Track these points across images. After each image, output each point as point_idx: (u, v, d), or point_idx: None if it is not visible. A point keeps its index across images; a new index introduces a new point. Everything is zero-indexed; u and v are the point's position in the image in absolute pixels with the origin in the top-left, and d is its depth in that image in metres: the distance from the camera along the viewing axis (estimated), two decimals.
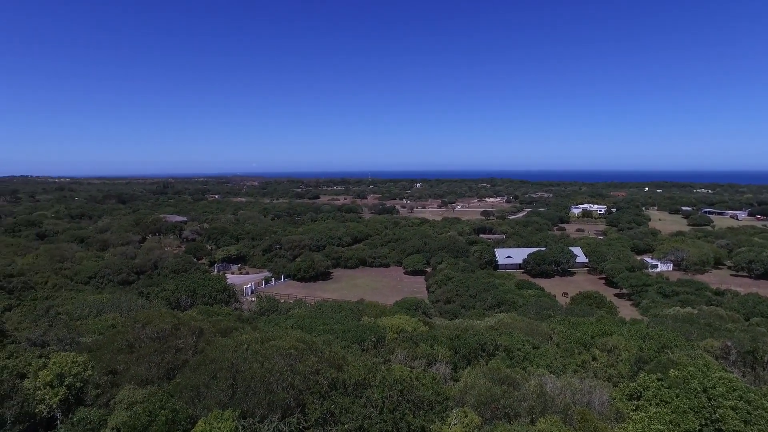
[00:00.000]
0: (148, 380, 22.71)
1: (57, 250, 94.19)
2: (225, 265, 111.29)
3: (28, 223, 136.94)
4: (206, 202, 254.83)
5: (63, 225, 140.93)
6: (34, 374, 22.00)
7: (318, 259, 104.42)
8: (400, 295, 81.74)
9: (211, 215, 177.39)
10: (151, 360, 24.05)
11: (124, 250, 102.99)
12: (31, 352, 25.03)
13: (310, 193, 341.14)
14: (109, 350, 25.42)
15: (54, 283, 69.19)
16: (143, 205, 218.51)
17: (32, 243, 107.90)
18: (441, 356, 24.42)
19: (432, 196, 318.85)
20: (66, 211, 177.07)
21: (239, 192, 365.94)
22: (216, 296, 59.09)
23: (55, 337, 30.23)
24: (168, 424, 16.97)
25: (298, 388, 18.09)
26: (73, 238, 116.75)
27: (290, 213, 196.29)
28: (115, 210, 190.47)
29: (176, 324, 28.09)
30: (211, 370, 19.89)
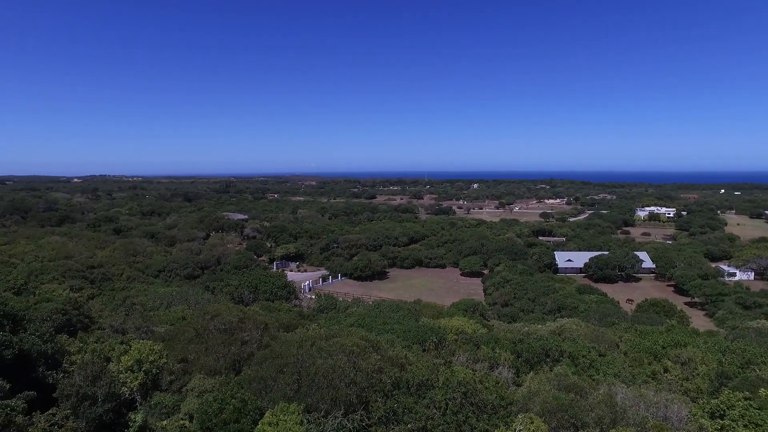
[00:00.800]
0: (216, 370, 23.71)
1: (131, 244, 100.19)
2: (284, 263, 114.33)
3: (106, 219, 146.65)
4: (266, 201, 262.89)
5: (136, 221, 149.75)
6: (117, 359, 23.53)
7: (374, 259, 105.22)
8: (457, 296, 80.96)
9: (270, 214, 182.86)
10: (219, 351, 25.09)
11: (190, 246, 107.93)
12: (114, 339, 26.78)
13: (367, 193, 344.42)
14: (181, 340, 26.76)
15: (128, 275, 73.64)
16: (207, 204, 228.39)
17: (110, 237, 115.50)
18: (503, 360, 23.96)
19: (489, 197, 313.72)
20: (138, 209, 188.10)
21: (298, 191, 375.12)
22: (276, 293, 60.87)
23: (132, 325, 32.21)
24: (237, 413, 17.62)
25: (361, 386, 18.29)
26: (145, 233, 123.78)
27: (347, 212, 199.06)
28: (181, 208, 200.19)
29: (242, 318, 29.16)
30: (277, 364, 20.49)
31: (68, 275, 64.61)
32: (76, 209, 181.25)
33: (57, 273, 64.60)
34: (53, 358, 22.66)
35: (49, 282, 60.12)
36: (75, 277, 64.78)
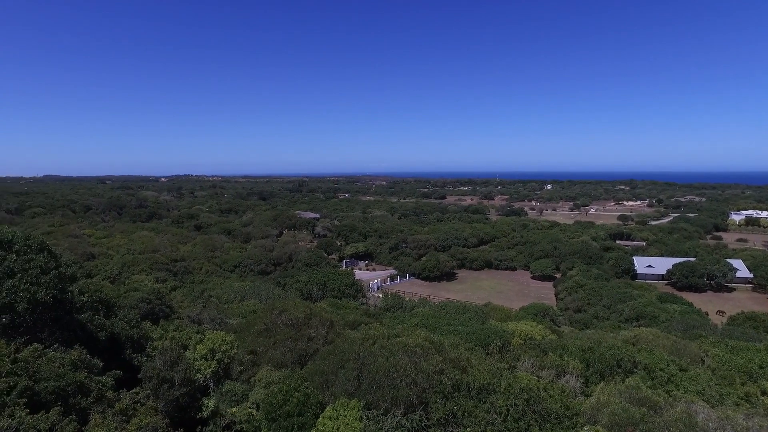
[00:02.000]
0: (282, 363, 24.58)
1: (210, 240, 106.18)
2: (353, 261, 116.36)
3: (189, 216, 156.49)
4: (337, 200, 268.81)
5: (215, 218, 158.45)
6: (193, 347, 25.04)
7: (443, 259, 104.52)
8: (526, 300, 78.59)
9: (341, 213, 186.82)
10: (286, 345, 25.98)
11: (264, 243, 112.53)
12: (191, 328, 28.55)
13: (437, 193, 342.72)
14: (251, 333, 27.98)
15: (207, 270, 78.12)
16: (281, 202, 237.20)
17: (191, 233, 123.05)
18: (571, 368, 22.94)
19: (563, 198, 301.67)
20: (217, 206, 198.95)
21: (368, 191, 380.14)
22: (344, 290, 62.09)
23: (208, 316, 34.16)
24: (299, 406, 18.16)
25: (422, 386, 18.23)
26: (222, 230, 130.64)
27: (416, 212, 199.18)
28: (257, 206, 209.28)
29: (309, 314, 30.02)
30: (339, 360, 20.89)
31: (155, 267, 69.69)
32: (163, 206, 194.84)
33: (145, 265, 69.86)
34: (138, 342, 24.51)
35: (138, 273, 65.17)
36: (160, 269, 69.75)
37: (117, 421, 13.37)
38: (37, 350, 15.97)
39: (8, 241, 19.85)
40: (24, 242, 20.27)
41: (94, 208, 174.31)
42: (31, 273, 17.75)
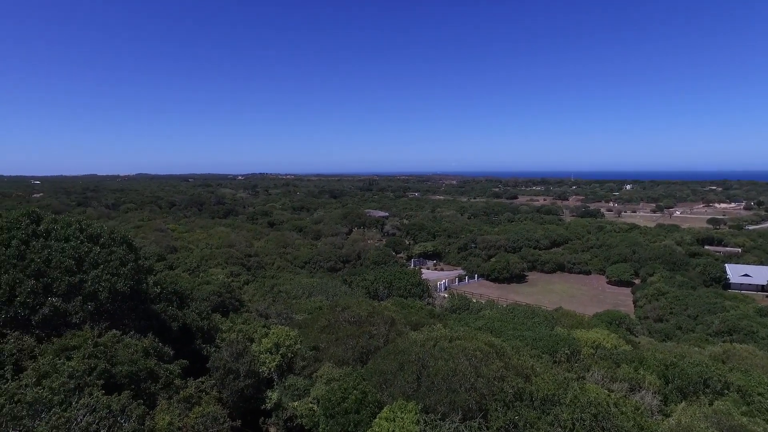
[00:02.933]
0: (344, 361, 24.73)
1: (282, 236, 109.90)
2: (421, 260, 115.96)
3: (263, 213, 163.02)
4: (406, 199, 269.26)
5: (287, 215, 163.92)
6: (259, 340, 25.82)
7: (513, 261, 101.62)
8: (601, 306, 74.48)
9: (410, 212, 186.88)
10: (348, 343, 26.13)
11: (333, 240, 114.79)
12: (258, 322, 29.50)
13: (508, 193, 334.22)
14: (314, 329, 28.43)
15: (278, 265, 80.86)
16: (351, 201, 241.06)
17: (265, 229, 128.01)
18: (648, 384, 21.25)
19: (644, 200, 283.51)
20: (290, 204, 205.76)
21: (438, 190, 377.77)
22: (410, 290, 61.84)
23: (275, 311, 35.18)
24: (358, 404, 18.13)
25: (481, 392, 17.59)
26: (294, 227, 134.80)
27: (487, 212, 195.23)
28: (327, 204, 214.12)
29: (371, 312, 30.05)
30: (399, 361, 20.65)
31: (230, 262, 73.11)
32: (239, 203, 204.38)
33: (221, 259, 73.48)
34: (208, 333, 25.63)
35: (214, 267, 68.63)
36: (235, 263, 73.06)
37: (181, 408, 13.94)
38: (116, 336, 17.04)
39: (96, 235, 21.39)
40: (109, 236, 21.78)
41: (177, 204, 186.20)
42: (112, 264, 18.98)
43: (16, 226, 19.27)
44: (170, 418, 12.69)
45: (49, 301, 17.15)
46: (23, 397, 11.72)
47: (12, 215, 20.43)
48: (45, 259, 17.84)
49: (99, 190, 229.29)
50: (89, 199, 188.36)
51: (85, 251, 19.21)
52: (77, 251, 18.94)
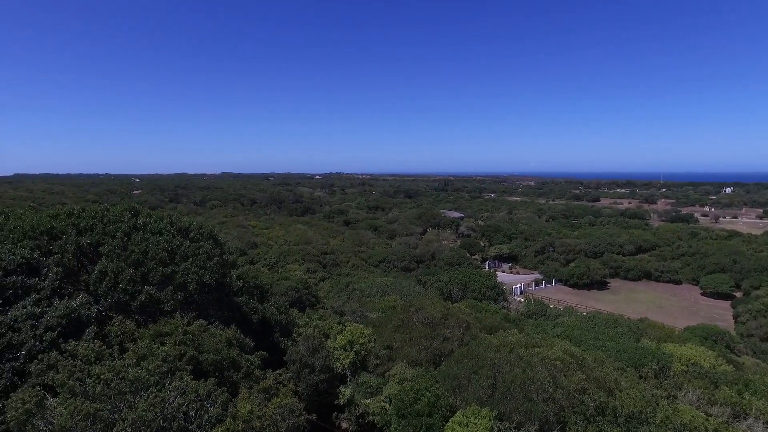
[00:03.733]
0: (417, 361, 24.65)
1: (357, 235, 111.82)
2: (496, 263, 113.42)
3: (339, 211, 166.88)
4: (482, 200, 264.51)
5: (362, 214, 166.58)
6: (334, 336, 26.38)
7: (594, 266, 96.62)
8: (694, 319, 68.85)
9: (486, 213, 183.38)
10: (421, 344, 26.02)
11: (408, 240, 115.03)
12: (333, 318, 30.17)
13: (590, 195, 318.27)
14: (388, 328, 28.58)
15: (353, 263, 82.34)
16: (426, 201, 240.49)
17: (340, 228, 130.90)
18: (755, 410, 19.25)
19: (748, 204, 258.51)
20: (365, 203, 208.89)
21: (515, 191, 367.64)
22: (485, 292, 60.61)
23: (350, 309, 35.82)
24: (430, 406, 17.97)
25: (560, 404, 16.81)
26: (369, 226, 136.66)
27: (566, 215, 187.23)
28: (402, 204, 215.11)
29: (445, 314, 29.71)
30: (473, 365, 20.26)
31: (306, 259, 75.49)
32: (316, 202, 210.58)
33: (298, 256, 76.06)
34: (286, 327, 26.56)
35: (292, 263, 71.21)
36: (311, 261, 75.32)
37: (260, 398, 14.51)
38: (202, 326, 18.09)
39: (186, 228, 22.87)
40: (197, 230, 23.20)
41: (258, 201, 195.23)
42: (200, 258, 20.18)
43: (120, 219, 21.05)
44: (251, 407, 13.25)
45: (146, 290, 18.53)
46: (126, 374, 12.76)
47: (116, 209, 22.34)
48: (143, 250, 19.30)
49: (188, 188, 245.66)
50: (180, 196, 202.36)
51: (176, 244, 20.58)
52: (170, 244, 20.33)
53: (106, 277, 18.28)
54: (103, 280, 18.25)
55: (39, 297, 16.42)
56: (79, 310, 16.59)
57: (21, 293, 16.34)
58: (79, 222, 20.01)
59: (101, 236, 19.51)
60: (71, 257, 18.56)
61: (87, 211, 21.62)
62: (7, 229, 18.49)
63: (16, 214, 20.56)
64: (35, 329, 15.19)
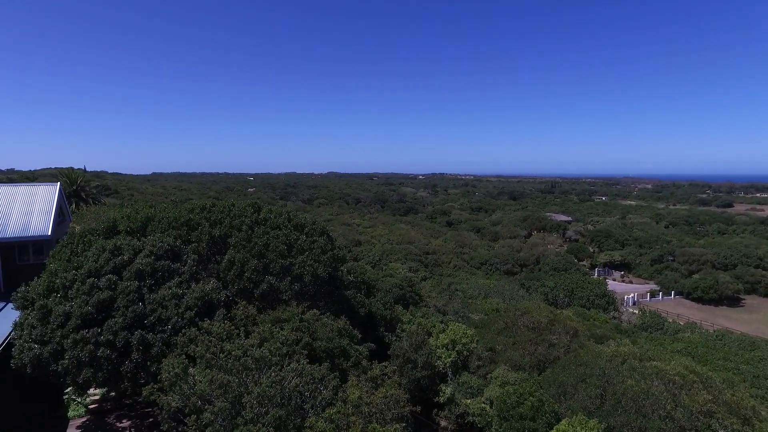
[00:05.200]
0: (520, 366, 24.22)
1: (459, 236, 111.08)
2: (606, 270, 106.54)
3: (441, 212, 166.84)
4: (592, 203, 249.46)
5: (465, 216, 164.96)
6: (436, 335, 26.76)
7: (724, 280, 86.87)
8: None
9: (596, 217, 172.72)
10: (526, 348, 25.50)
11: (511, 243, 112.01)
12: (436, 317, 30.56)
13: (720, 200, 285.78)
14: (491, 330, 28.34)
15: (455, 264, 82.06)
16: (531, 203, 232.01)
17: (442, 228, 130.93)
18: None
19: None
20: (468, 204, 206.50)
21: (629, 195, 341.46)
22: (594, 300, 57.41)
23: (452, 308, 35.97)
24: (533, 411, 17.65)
25: (680, 425, 15.68)
26: (472, 227, 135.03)
27: (689, 221, 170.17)
28: (506, 205, 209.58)
29: (552, 319, 28.80)
30: (581, 373, 19.54)
31: (408, 258, 76.65)
32: (419, 202, 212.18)
33: (401, 255, 77.46)
34: (390, 323, 27.43)
35: (394, 261, 72.72)
36: (413, 260, 76.32)
37: (368, 386, 15.31)
38: (316, 315, 19.41)
39: (301, 224, 24.59)
40: (311, 226, 24.83)
41: (362, 201, 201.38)
42: (314, 252, 21.63)
43: (244, 213, 23.21)
44: (360, 393, 14.05)
45: (267, 279, 20.29)
46: (252, 353, 14.22)
47: (241, 205, 24.63)
48: (264, 243, 21.13)
49: (297, 186, 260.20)
50: (289, 194, 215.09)
51: (293, 239, 22.24)
52: (288, 238, 22.02)
53: (234, 266, 20.30)
54: (230, 268, 20.31)
55: (180, 280, 18.74)
56: (211, 294, 18.66)
57: (167, 275, 18.76)
58: (210, 216, 22.41)
59: (229, 229, 21.69)
60: (205, 246, 20.88)
61: (217, 206, 24.10)
62: (156, 220, 21.27)
63: (162, 208, 23.53)
64: (178, 308, 17.40)
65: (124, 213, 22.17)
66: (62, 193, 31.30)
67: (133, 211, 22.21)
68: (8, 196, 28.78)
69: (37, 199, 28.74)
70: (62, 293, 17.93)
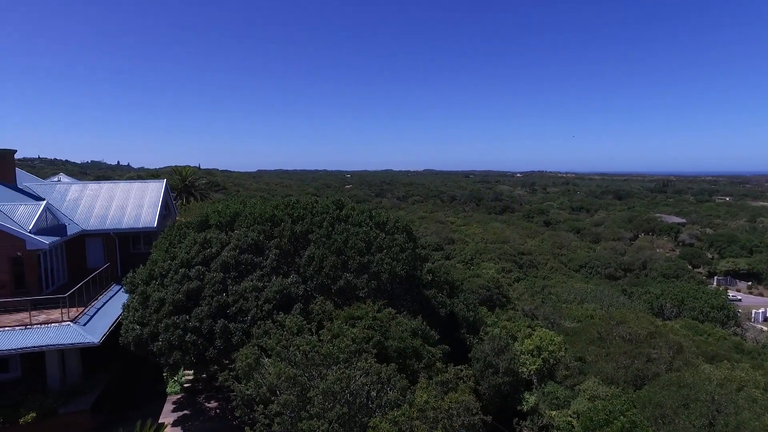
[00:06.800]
0: (613, 380, 22.26)
1: (557, 236, 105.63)
2: (728, 280, 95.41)
3: (539, 211, 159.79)
4: (713, 204, 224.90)
5: (564, 215, 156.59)
6: (521, 340, 25.45)
7: None
8: None
9: (716, 219, 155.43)
10: (620, 361, 23.41)
11: (615, 245, 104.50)
12: (522, 321, 29.09)
13: None
14: (582, 338, 26.40)
15: (551, 266, 78.13)
16: (639, 203, 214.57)
17: (539, 228, 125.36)
18: None
19: None
20: (568, 203, 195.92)
21: (761, 195, 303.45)
22: (709, 313, 51.47)
23: (542, 313, 34.09)
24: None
25: None
26: (571, 228, 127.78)
27: None
28: (610, 205, 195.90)
29: (653, 332, 26.23)
30: (683, 396, 17.45)
31: (502, 258, 74.20)
32: (515, 200, 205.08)
33: (494, 254, 75.22)
34: (473, 324, 26.53)
35: (487, 261, 70.77)
36: (507, 260, 73.74)
37: (438, 390, 14.78)
38: (390, 314, 19.20)
39: (383, 222, 24.51)
40: (393, 224, 24.66)
41: (457, 198, 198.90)
42: (393, 250, 21.42)
43: (326, 210, 23.62)
44: (427, 397, 13.59)
45: (345, 276, 20.44)
46: (320, 349, 14.34)
47: (324, 202, 25.12)
48: (344, 240, 21.33)
49: (392, 184, 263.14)
50: (385, 191, 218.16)
51: (373, 236, 22.21)
52: (367, 236, 22.04)
53: (313, 262, 20.71)
54: (310, 264, 20.74)
55: (262, 273, 19.48)
56: (290, 288, 19.18)
57: (250, 269, 19.60)
58: (293, 212, 23.07)
59: (310, 225, 22.18)
60: (287, 242, 21.51)
61: (300, 202, 24.78)
62: (243, 215, 22.34)
63: (251, 204, 24.68)
64: (258, 300, 18.08)
65: (215, 208, 23.56)
66: (168, 188, 34.18)
67: (224, 207, 23.52)
68: (125, 191, 32.01)
69: (147, 194, 31.64)
70: (159, 281, 19.45)
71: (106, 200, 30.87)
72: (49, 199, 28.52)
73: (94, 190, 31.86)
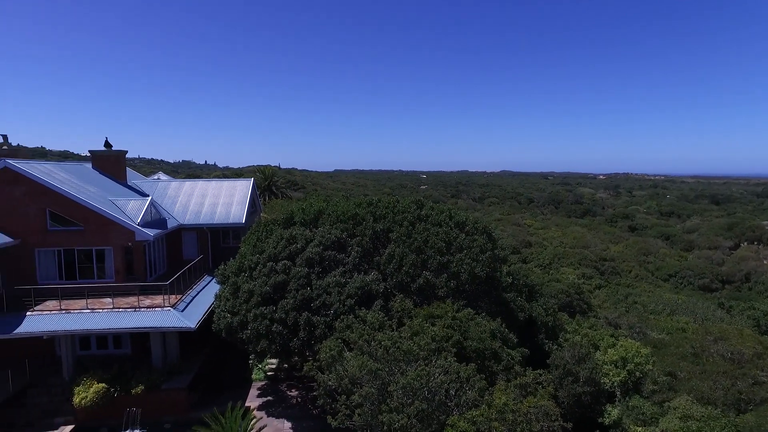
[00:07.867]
0: (709, 400, 20.73)
1: (643, 243, 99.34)
2: None
3: (623, 215, 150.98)
4: None
5: (652, 220, 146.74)
6: (604, 349, 24.39)
7: None
8: None
9: None
10: (718, 381, 21.76)
11: (711, 254, 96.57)
12: (605, 330, 27.84)
13: None
14: (673, 353, 24.81)
15: (636, 274, 73.71)
16: (741, 209, 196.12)
17: (624, 233, 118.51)
18: None
19: None
20: (656, 208, 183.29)
21: None
22: None
23: (627, 322, 32.40)
24: None
25: None
26: (659, 234, 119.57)
27: None
28: (705, 210, 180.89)
29: (759, 352, 24.12)
30: None
31: (582, 263, 71.03)
32: (598, 204, 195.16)
33: (574, 259, 72.19)
34: (552, 330, 25.79)
35: (566, 266, 68.08)
36: (588, 266, 70.48)
37: (516, 393, 14.60)
38: (470, 314, 19.19)
39: (462, 222, 24.49)
40: (473, 225, 24.56)
41: (535, 201, 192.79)
42: (473, 251, 21.36)
43: (407, 210, 23.98)
44: (506, 399, 13.48)
45: (424, 274, 20.68)
46: (401, 345, 14.67)
47: (405, 201, 25.51)
48: (424, 239, 21.56)
49: (468, 185, 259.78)
50: (460, 192, 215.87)
51: (453, 236, 22.27)
52: (447, 235, 22.13)
53: (393, 260, 21.13)
54: (390, 262, 21.18)
55: (344, 269, 20.18)
56: (371, 285, 19.71)
57: (333, 265, 20.37)
58: (375, 211, 23.65)
59: (391, 224, 22.63)
60: (368, 240, 22.11)
61: (382, 201, 25.34)
62: (326, 213, 23.24)
63: (333, 202, 25.60)
64: (340, 295, 18.77)
65: (300, 206, 24.68)
66: (255, 187, 36.18)
67: (308, 205, 24.59)
68: (217, 189, 34.31)
69: (237, 192, 33.72)
70: (248, 273, 20.73)
71: (199, 197, 33.29)
72: (152, 195, 31.26)
73: (189, 188, 34.45)
